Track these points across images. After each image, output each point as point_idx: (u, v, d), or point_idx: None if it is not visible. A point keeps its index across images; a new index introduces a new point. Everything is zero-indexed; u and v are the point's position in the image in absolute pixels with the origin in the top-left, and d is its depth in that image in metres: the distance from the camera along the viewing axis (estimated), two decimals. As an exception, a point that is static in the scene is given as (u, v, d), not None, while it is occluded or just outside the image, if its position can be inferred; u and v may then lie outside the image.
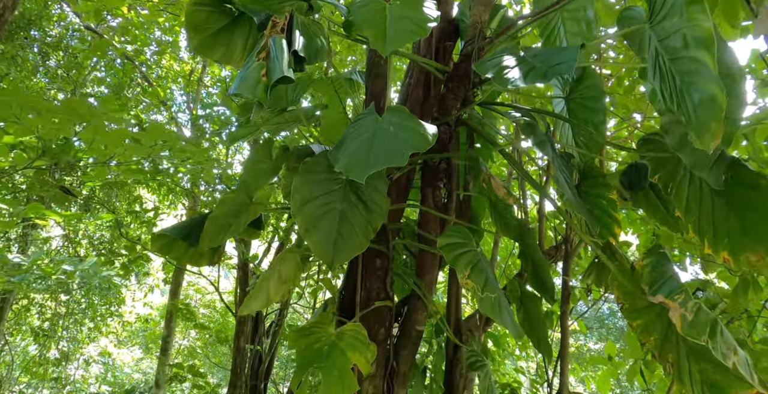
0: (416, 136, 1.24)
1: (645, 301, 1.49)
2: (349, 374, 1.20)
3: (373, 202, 1.36)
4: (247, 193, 1.69)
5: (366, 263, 1.67)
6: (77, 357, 11.64)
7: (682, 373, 1.38)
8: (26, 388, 11.29)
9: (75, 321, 10.86)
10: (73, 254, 10.06)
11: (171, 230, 2.06)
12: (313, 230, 1.30)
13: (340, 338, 1.33)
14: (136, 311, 11.24)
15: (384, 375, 1.71)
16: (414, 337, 1.78)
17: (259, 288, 1.43)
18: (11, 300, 9.25)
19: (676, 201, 1.50)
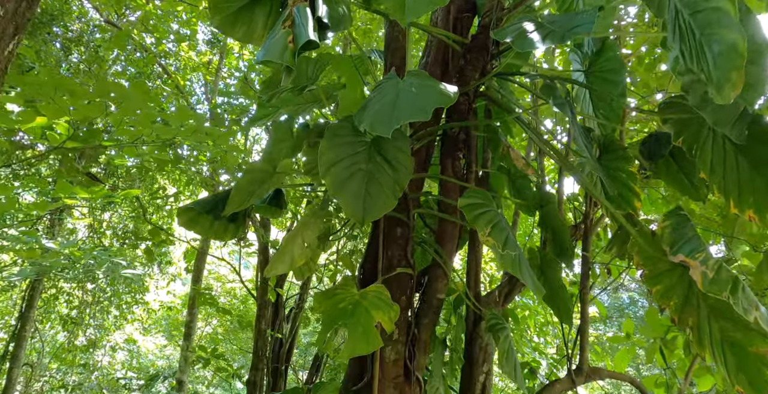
0: (438, 93, 1.27)
1: (665, 265, 1.50)
2: (373, 331, 1.24)
3: (398, 161, 1.40)
4: (271, 163, 1.74)
5: (387, 232, 1.70)
6: (104, 344, 11.97)
7: (702, 336, 1.40)
8: (56, 373, 11.66)
9: (101, 309, 11.16)
10: (99, 244, 10.31)
11: (197, 203, 2.13)
12: (342, 189, 1.34)
13: (363, 298, 1.37)
14: (160, 299, 11.50)
15: (406, 342, 1.76)
16: (435, 306, 1.82)
17: (283, 251, 1.47)
18: (40, 289, 9.54)
19: (701, 163, 1.50)
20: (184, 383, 7.53)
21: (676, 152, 2.10)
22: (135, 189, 3.44)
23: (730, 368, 1.29)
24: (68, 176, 4.00)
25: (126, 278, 9.87)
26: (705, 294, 1.36)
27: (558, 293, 1.83)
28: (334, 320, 1.28)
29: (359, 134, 1.41)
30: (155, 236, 5.39)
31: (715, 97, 1.15)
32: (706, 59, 1.17)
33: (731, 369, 1.28)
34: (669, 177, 2.10)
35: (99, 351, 11.93)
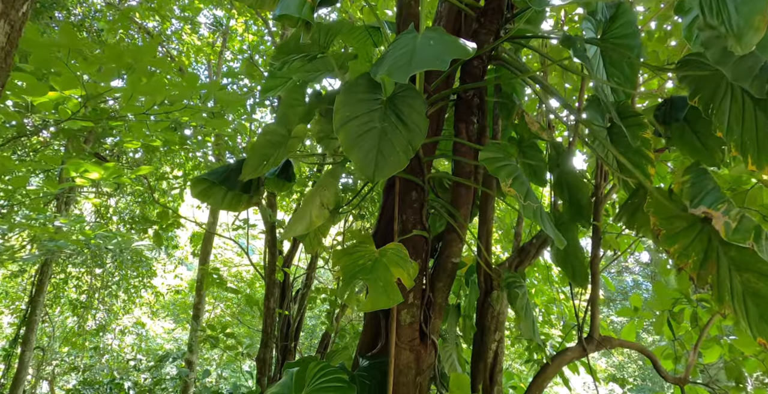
0: (457, 45, 1.26)
1: (683, 223, 1.51)
2: (394, 286, 1.26)
3: (412, 121, 1.39)
4: (286, 125, 1.74)
5: (402, 196, 1.71)
6: (113, 328, 12.13)
7: (722, 290, 1.40)
8: (67, 356, 11.83)
9: (110, 293, 11.28)
10: (105, 229, 10.38)
11: (210, 174, 2.13)
12: (355, 146, 1.34)
13: (382, 255, 1.38)
14: (167, 283, 11.61)
15: (421, 305, 1.77)
16: (449, 269, 1.83)
17: (301, 212, 1.48)
18: (49, 274, 9.63)
19: (717, 121, 1.49)
20: (194, 363, 7.64)
21: (690, 116, 2.09)
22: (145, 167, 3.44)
23: (752, 320, 1.30)
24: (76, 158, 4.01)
25: (134, 262, 9.96)
26: (726, 247, 1.37)
27: (573, 254, 1.83)
28: (354, 275, 1.29)
29: (375, 92, 1.40)
30: (163, 218, 5.42)
31: (735, 48, 1.14)
32: (727, 9, 1.16)
33: (753, 321, 1.29)
34: (683, 142, 2.09)
35: (108, 335, 12.09)
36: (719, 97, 1.51)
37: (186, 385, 7.49)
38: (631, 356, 19.43)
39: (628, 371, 19.30)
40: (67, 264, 10.54)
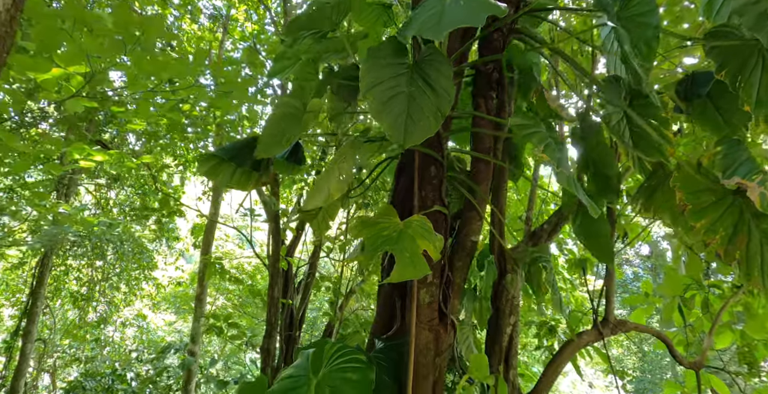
0: (489, 3, 1.21)
1: (711, 197, 1.46)
2: (420, 258, 1.21)
3: (440, 86, 1.34)
4: (300, 98, 1.68)
5: (421, 172, 1.66)
6: (114, 320, 12.11)
7: (751, 265, 1.36)
8: (68, 349, 11.81)
9: (111, 285, 11.25)
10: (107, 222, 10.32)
11: (218, 150, 2.08)
12: (383, 111, 1.29)
13: (407, 227, 1.34)
14: (168, 275, 11.58)
15: (440, 284, 1.73)
16: (468, 248, 1.79)
17: (320, 184, 1.43)
18: (50, 266, 9.57)
19: (745, 94, 1.45)
20: (196, 354, 7.61)
21: (714, 92, 2.04)
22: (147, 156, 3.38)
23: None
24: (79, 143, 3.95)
25: (135, 254, 9.91)
26: (759, 220, 1.32)
27: (599, 230, 1.77)
28: (378, 245, 1.25)
29: (400, 57, 1.35)
30: (165, 205, 5.36)
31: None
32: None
33: (787, 294, 1.26)
34: (704, 118, 2.04)
35: (109, 327, 12.08)
36: (749, 68, 1.47)
37: (189, 375, 7.47)
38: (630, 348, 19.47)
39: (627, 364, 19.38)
40: (67, 257, 10.50)
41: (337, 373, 1.53)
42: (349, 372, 1.53)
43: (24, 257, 10.24)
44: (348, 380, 1.50)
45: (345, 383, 1.50)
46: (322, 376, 1.54)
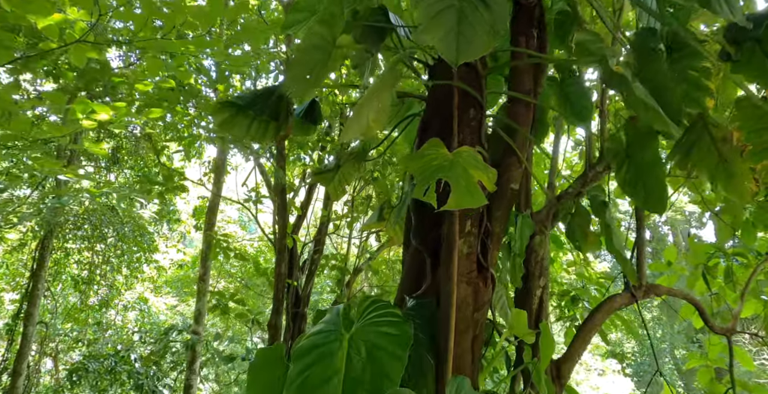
0: None
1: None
2: (476, 187, 1.09)
3: (492, 1, 1.20)
4: (330, 28, 1.53)
5: (459, 113, 1.53)
6: (116, 303, 12.04)
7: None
8: (70, 332, 11.76)
9: (112, 269, 11.15)
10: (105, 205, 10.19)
11: (235, 98, 1.94)
12: (433, 25, 1.15)
13: (458, 157, 1.21)
14: (170, 257, 11.48)
15: (478, 234, 1.61)
16: (508, 197, 1.67)
17: (358, 115, 1.30)
18: (50, 248, 9.45)
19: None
20: (200, 335, 7.54)
21: (764, 37, 1.90)
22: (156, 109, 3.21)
23: None
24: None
25: (136, 236, 9.79)
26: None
27: (650, 172, 1.62)
28: (430, 175, 1.12)
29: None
30: (168, 180, 5.23)
31: None
32: None
33: None
34: (750, 66, 1.90)
35: (111, 311, 12.02)
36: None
37: (194, 355, 7.41)
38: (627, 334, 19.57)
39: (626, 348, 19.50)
40: (67, 240, 10.38)
41: (372, 327, 1.42)
42: (384, 326, 1.41)
43: (24, 237, 10.12)
44: (384, 334, 1.38)
45: (381, 337, 1.38)
46: (355, 330, 1.43)
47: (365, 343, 1.38)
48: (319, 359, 1.39)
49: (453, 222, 1.46)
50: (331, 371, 1.36)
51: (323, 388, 1.34)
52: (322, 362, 1.38)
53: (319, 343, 1.43)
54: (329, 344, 1.41)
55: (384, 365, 1.31)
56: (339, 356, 1.38)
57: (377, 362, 1.33)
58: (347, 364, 1.36)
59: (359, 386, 1.31)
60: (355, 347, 1.38)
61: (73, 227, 10.28)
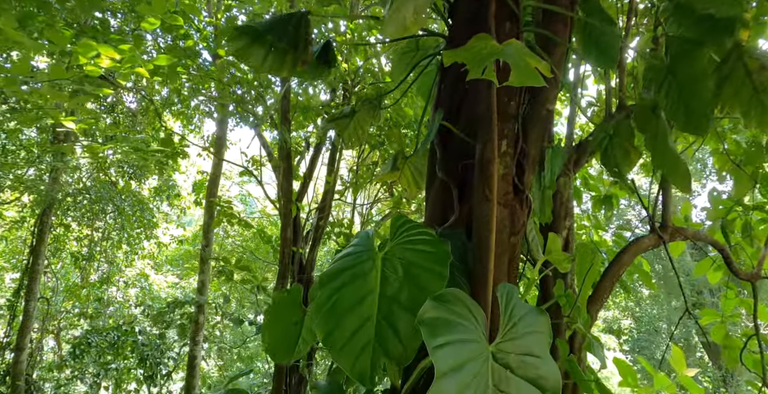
0: None
1: None
2: (533, 71, 1.00)
3: None
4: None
5: (496, 27, 1.42)
6: (117, 280, 12.01)
7: None
8: (72, 308, 11.74)
9: (111, 245, 11.09)
10: (105, 181, 10.07)
11: (253, 24, 1.82)
12: None
13: (506, 45, 1.11)
14: (170, 233, 11.41)
15: (514, 155, 1.52)
16: (544, 117, 1.58)
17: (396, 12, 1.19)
18: (49, 223, 9.34)
19: None
20: (203, 307, 7.51)
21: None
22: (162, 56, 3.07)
23: None
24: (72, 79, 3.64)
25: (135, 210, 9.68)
26: None
27: (693, 90, 1.50)
28: (484, 58, 1.03)
29: None
30: (168, 144, 5.10)
31: None
32: None
33: None
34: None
35: (112, 287, 12.00)
36: None
37: (197, 328, 7.40)
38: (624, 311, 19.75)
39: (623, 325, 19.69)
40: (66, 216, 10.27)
41: (407, 245, 1.34)
42: (420, 245, 1.33)
43: (23, 212, 10.01)
44: (421, 252, 1.30)
45: (418, 255, 1.30)
46: (389, 249, 1.35)
47: (401, 261, 1.30)
48: (351, 281, 1.31)
49: (491, 137, 1.37)
50: (365, 291, 1.28)
51: (356, 309, 1.26)
52: (353, 284, 1.30)
53: (348, 265, 1.35)
54: (361, 265, 1.33)
55: (423, 282, 1.23)
56: (372, 276, 1.30)
57: (416, 279, 1.25)
58: (382, 283, 1.28)
59: (396, 304, 1.24)
60: (390, 266, 1.30)
61: (72, 202, 10.16)
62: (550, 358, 1.11)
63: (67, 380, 9.54)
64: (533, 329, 1.11)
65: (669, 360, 3.01)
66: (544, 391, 1.05)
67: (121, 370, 9.11)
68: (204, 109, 8.15)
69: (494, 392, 0.98)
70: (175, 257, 12.95)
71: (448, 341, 0.94)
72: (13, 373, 8.32)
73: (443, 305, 1.00)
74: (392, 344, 1.18)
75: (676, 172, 1.26)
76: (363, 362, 1.19)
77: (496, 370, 1.00)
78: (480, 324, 1.03)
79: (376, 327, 1.20)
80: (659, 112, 1.31)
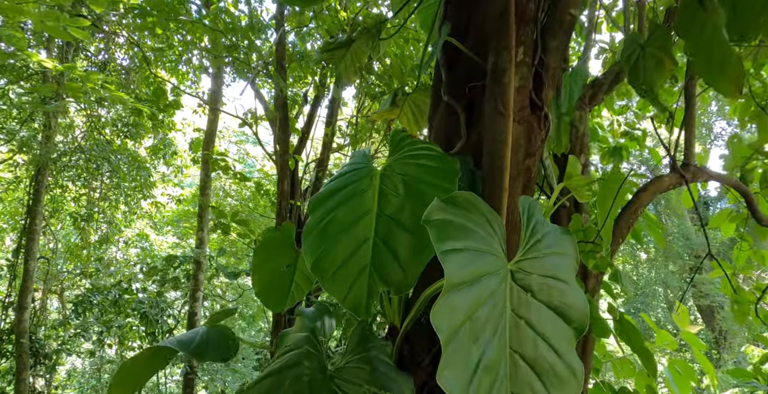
0: None
1: None
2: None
3: None
4: None
5: None
6: (116, 240, 11.97)
7: None
8: (74, 269, 11.76)
9: (110, 205, 10.97)
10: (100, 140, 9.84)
11: None
12: None
13: None
14: (168, 192, 11.27)
15: (532, 65, 1.33)
16: (566, 24, 1.37)
17: None
18: (45, 182, 9.17)
19: None
20: (202, 264, 7.45)
21: None
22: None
23: None
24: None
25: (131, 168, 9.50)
26: None
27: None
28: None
29: None
30: (161, 97, 4.87)
31: None
32: None
33: None
34: None
35: (113, 247, 11.97)
36: None
37: (196, 284, 7.37)
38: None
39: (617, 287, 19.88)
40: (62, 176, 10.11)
41: (410, 160, 1.17)
42: (423, 159, 1.16)
43: (17, 172, 9.85)
44: (426, 167, 1.13)
45: (421, 169, 1.13)
46: (389, 164, 1.18)
47: (403, 177, 1.13)
48: (345, 201, 1.14)
49: (507, 42, 1.17)
50: (361, 211, 1.11)
51: (351, 231, 1.10)
52: (348, 203, 1.14)
53: (343, 185, 1.19)
54: (357, 182, 1.16)
55: (428, 199, 1.06)
56: (369, 195, 1.13)
57: (419, 196, 1.08)
58: (380, 202, 1.11)
59: (396, 225, 1.07)
60: (390, 183, 1.13)
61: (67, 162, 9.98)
62: (576, 284, 0.95)
63: (70, 338, 9.62)
64: (558, 250, 0.95)
65: (673, 317, 2.91)
66: (569, 322, 0.90)
67: (124, 327, 9.17)
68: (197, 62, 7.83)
69: (512, 318, 0.83)
70: (174, 217, 12.87)
71: (463, 247, 0.77)
72: (17, 331, 8.37)
73: (455, 207, 0.83)
74: (391, 269, 1.03)
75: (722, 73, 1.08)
76: (358, 290, 1.04)
77: (516, 291, 0.84)
78: (498, 235, 0.87)
79: (372, 250, 1.05)
80: (708, 3, 1.11)
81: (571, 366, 0.85)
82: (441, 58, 1.68)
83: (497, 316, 0.79)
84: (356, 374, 0.88)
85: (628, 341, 1.56)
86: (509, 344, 0.79)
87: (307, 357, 0.91)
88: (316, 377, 0.86)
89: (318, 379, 0.86)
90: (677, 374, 2.61)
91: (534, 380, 0.80)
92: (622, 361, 2.71)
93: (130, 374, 1.14)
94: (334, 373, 0.89)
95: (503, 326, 0.79)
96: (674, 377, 2.61)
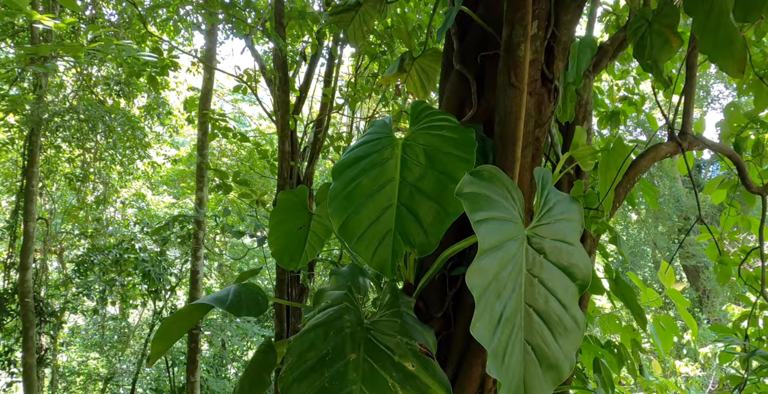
0: None
1: None
2: None
3: None
4: None
5: None
6: (114, 200, 12.01)
7: None
8: (73, 229, 11.84)
9: (105, 165, 10.94)
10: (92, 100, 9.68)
11: None
12: None
13: None
14: (163, 153, 11.23)
15: (544, 38, 1.38)
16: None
17: None
18: (39, 144, 9.11)
19: None
20: (202, 223, 7.56)
21: None
22: None
23: None
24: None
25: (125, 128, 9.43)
26: None
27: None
28: None
29: None
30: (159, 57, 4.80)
31: None
32: None
33: None
34: None
35: (110, 208, 12.03)
36: None
37: (197, 243, 7.50)
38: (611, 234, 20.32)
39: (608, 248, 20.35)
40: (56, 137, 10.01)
41: (431, 130, 1.24)
42: (444, 130, 1.23)
43: (10, 133, 9.74)
44: (445, 138, 1.21)
45: (441, 140, 1.21)
46: (410, 134, 1.25)
47: (424, 147, 1.21)
48: (369, 168, 1.22)
49: (522, 15, 1.22)
50: (385, 179, 1.20)
51: (375, 197, 1.19)
52: (371, 172, 1.22)
53: (365, 153, 1.26)
54: (379, 152, 1.24)
55: (449, 168, 1.15)
56: (392, 164, 1.22)
57: (440, 165, 1.17)
58: (402, 170, 1.20)
59: (418, 191, 1.16)
60: (412, 152, 1.21)
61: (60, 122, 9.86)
62: (581, 247, 1.06)
63: (73, 297, 9.83)
64: (567, 216, 1.05)
65: (658, 276, 3.07)
66: (575, 279, 1.02)
67: (126, 286, 9.38)
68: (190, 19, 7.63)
69: (527, 277, 0.94)
70: (170, 177, 12.88)
71: (490, 217, 0.87)
72: (21, 291, 8.53)
73: (481, 180, 0.92)
74: (414, 232, 1.12)
75: (728, 53, 1.14)
76: (383, 251, 1.14)
77: (531, 253, 0.95)
78: (518, 204, 0.96)
79: (396, 214, 1.14)
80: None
81: (576, 318, 0.97)
82: (453, 27, 1.72)
83: (516, 275, 0.90)
84: (390, 326, 1.00)
85: (623, 298, 1.69)
86: (524, 299, 0.91)
87: (346, 312, 1.02)
88: (355, 329, 0.98)
89: (357, 331, 0.98)
90: (661, 328, 2.79)
91: (544, 330, 0.92)
92: (609, 316, 2.89)
93: (170, 330, 1.25)
94: (370, 325, 1.01)
95: (520, 283, 0.90)
96: (658, 331, 2.79)
